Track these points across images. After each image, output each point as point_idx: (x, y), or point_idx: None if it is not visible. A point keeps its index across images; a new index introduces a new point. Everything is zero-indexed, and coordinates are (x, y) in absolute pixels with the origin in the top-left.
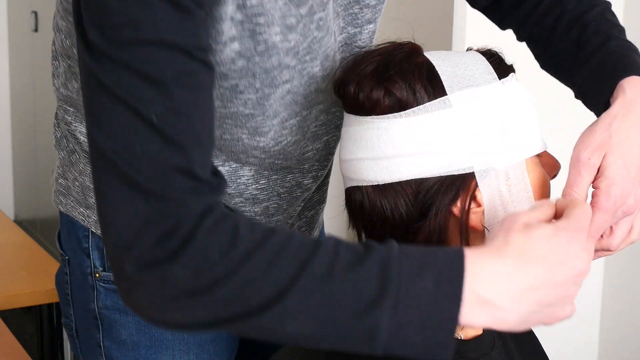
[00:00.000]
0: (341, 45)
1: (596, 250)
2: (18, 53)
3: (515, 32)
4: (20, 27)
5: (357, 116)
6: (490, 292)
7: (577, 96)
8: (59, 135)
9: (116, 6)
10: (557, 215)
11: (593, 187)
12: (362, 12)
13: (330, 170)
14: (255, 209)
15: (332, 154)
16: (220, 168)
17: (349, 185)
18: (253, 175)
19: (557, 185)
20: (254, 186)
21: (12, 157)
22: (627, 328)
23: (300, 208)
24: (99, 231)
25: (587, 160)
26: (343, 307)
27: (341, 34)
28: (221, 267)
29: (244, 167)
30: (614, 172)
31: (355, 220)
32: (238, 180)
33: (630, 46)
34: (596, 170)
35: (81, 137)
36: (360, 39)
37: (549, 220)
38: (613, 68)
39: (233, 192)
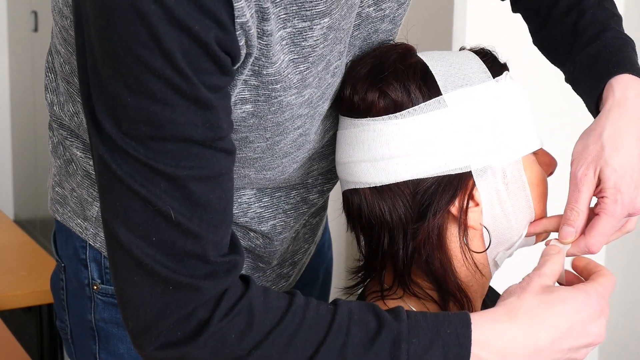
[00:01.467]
0: None
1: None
2: (18, 53)
3: (511, 3)
4: (20, 27)
5: (353, 119)
6: (491, 355)
7: (566, 81)
8: (55, 141)
9: (133, 102)
10: (575, 268)
11: (598, 196)
12: (378, 38)
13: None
14: (262, 228)
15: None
16: None
17: (346, 188)
18: (255, 194)
19: (556, 185)
20: (257, 204)
21: (12, 158)
22: (628, 329)
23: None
24: (97, 244)
25: (584, 177)
26: None
27: None
28: (238, 350)
29: (245, 188)
30: (616, 182)
31: (354, 223)
32: (239, 200)
33: (625, 39)
34: (594, 183)
35: (78, 153)
36: None
37: (558, 276)
38: (605, 64)
39: (236, 211)
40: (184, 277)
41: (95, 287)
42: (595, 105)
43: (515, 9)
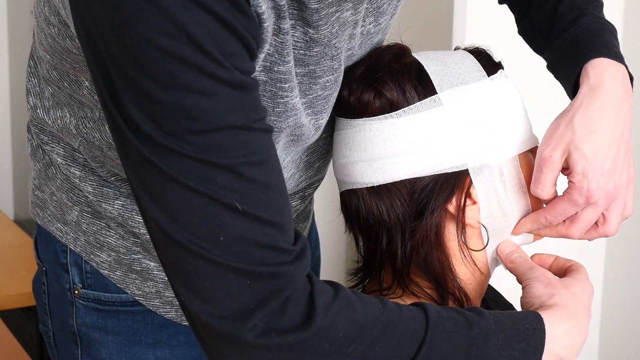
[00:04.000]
0: None
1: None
2: (18, 53)
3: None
4: (20, 27)
5: (349, 119)
6: (563, 350)
7: (548, 68)
8: (34, 144)
9: (168, 98)
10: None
11: (568, 181)
12: (376, 39)
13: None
14: None
15: (322, 175)
16: None
17: (343, 189)
18: None
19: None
20: None
21: (12, 157)
22: (628, 330)
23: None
24: (77, 248)
25: (549, 157)
26: None
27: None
28: (349, 345)
29: None
30: (584, 167)
31: (352, 224)
32: None
33: (603, 23)
34: (559, 166)
35: (58, 159)
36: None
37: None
38: (582, 48)
39: None
40: (263, 267)
41: (76, 292)
42: (572, 91)
43: (501, 1)
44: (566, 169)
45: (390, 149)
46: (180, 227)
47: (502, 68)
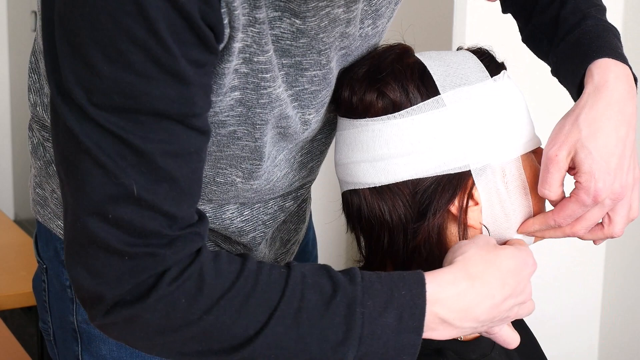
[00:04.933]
0: None
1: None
2: (18, 53)
3: (501, 3)
4: (20, 27)
5: (351, 119)
6: (451, 313)
7: (552, 73)
8: (35, 142)
9: (109, 73)
10: None
11: (574, 180)
12: (373, 41)
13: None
14: (242, 240)
15: (315, 175)
16: (203, 207)
17: (345, 189)
18: (237, 209)
19: None
20: (238, 219)
21: (12, 157)
22: (627, 330)
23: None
24: None
25: (555, 157)
26: (310, 349)
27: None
28: (188, 314)
29: (230, 204)
30: (590, 166)
31: (354, 224)
32: (223, 216)
33: (606, 25)
34: (565, 165)
35: None
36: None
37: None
38: (585, 50)
39: (218, 227)
40: (141, 248)
41: None
42: (577, 92)
43: (505, 9)
44: (572, 169)
45: (393, 150)
46: (80, 199)
47: (505, 68)
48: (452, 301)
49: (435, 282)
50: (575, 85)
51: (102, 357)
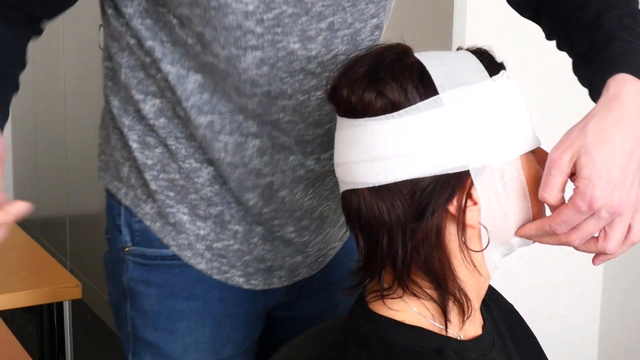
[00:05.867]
0: (347, 41)
1: (596, 256)
2: None
3: (544, 26)
4: None
5: (350, 119)
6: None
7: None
8: (104, 114)
9: None
10: None
11: (574, 188)
12: (367, 7)
13: None
14: (259, 182)
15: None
16: (229, 138)
17: (344, 189)
18: (258, 150)
19: None
20: (257, 160)
21: (12, 157)
22: (627, 329)
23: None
24: (127, 202)
25: (558, 159)
26: None
27: (348, 29)
28: None
29: (249, 141)
30: (590, 172)
31: (353, 224)
32: (244, 153)
33: (635, 47)
34: (567, 170)
35: (114, 111)
36: (363, 33)
37: None
38: (607, 67)
39: (238, 161)
40: None
41: (127, 249)
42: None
43: (548, 36)
44: (574, 175)
45: (392, 149)
46: None
47: (505, 69)
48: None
49: None
50: (595, 98)
51: (144, 313)
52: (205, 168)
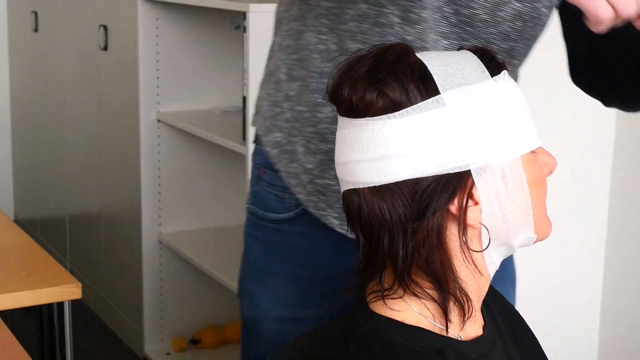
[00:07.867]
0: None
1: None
2: (18, 53)
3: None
4: (20, 27)
5: (352, 119)
6: None
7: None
8: (268, 59)
9: None
10: None
11: None
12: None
13: None
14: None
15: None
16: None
17: (345, 189)
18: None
19: (554, 183)
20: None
21: (12, 157)
22: (627, 329)
23: None
24: (260, 131)
25: None
26: None
27: None
28: None
29: None
30: None
31: (353, 224)
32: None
33: None
34: None
35: (275, 47)
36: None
37: None
38: None
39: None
40: None
41: (247, 207)
42: None
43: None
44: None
45: (393, 149)
46: None
47: (506, 68)
48: None
49: None
50: None
51: (250, 264)
52: (330, 105)
